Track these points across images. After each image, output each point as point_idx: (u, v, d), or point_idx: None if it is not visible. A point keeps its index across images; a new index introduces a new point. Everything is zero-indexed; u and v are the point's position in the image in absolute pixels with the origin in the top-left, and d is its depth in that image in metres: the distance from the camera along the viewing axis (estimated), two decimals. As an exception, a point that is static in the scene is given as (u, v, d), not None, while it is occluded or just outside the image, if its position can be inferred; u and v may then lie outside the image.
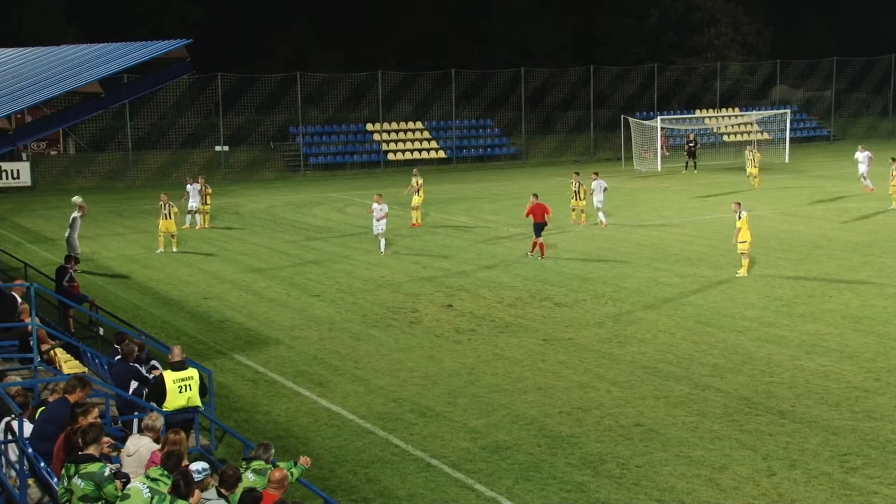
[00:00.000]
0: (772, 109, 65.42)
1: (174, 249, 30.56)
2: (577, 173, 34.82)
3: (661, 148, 54.61)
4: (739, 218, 24.96)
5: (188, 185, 35.64)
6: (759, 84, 74.23)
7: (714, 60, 71.63)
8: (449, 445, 14.29)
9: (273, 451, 10.90)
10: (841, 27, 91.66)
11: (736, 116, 66.50)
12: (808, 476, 12.90)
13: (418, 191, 35.56)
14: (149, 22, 67.20)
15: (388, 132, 60.73)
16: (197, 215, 35.30)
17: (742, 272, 24.82)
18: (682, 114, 65.17)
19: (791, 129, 58.57)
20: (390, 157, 59.22)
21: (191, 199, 35.21)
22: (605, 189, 33.81)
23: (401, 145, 60.49)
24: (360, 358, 18.82)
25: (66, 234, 28.37)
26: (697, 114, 66.33)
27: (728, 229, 31.77)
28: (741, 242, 24.85)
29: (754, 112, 65.70)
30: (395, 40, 77.50)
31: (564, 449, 14.04)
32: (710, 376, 17.04)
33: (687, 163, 52.29)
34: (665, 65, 69.16)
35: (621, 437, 14.39)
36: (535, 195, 28.83)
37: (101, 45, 19.41)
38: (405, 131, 61.61)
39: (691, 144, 52.86)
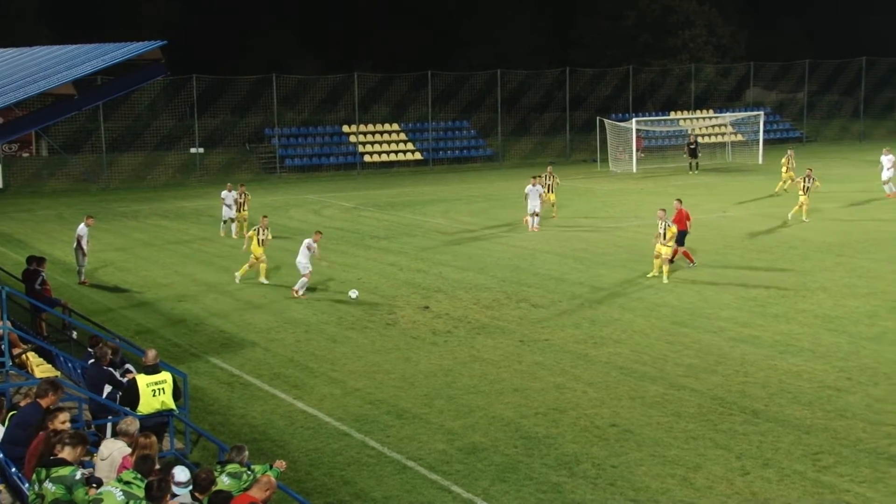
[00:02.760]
0: (745, 111, 65.90)
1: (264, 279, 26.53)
2: (552, 164, 34.84)
3: (636, 150, 54.90)
4: (670, 225, 24.77)
5: (224, 192, 34.11)
6: (733, 86, 74.82)
7: (689, 62, 72.06)
8: (425, 447, 14.28)
9: (247, 453, 10.85)
10: (814, 30, 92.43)
11: (710, 118, 66.91)
12: (781, 475, 12.99)
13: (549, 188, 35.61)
14: (123, 23, 66.77)
15: (365, 134, 60.66)
16: (233, 224, 33.72)
17: (662, 277, 24.57)
18: (657, 115, 65.50)
19: (764, 131, 58.97)
20: (366, 158, 59.15)
21: (226, 208, 33.80)
22: (541, 194, 33.61)
23: (377, 147, 60.43)
24: (337, 360, 18.78)
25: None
26: (672, 115, 66.70)
27: (705, 230, 32.01)
28: (666, 246, 24.66)
29: (728, 114, 66.16)
30: (371, 42, 77.46)
31: (541, 450, 14.07)
32: (684, 376, 17.13)
33: (691, 163, 52.38)
34: (640, 67, 69.50)
35: (597, 438, 14.44)
36: (680, 200, 27.50)
37: (75, 46, 19.26)
38: (381, 133, 61.56)
39: (692, 145, 53.08)
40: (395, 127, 62.26)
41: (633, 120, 55.75)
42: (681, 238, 26.19)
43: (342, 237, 33.13)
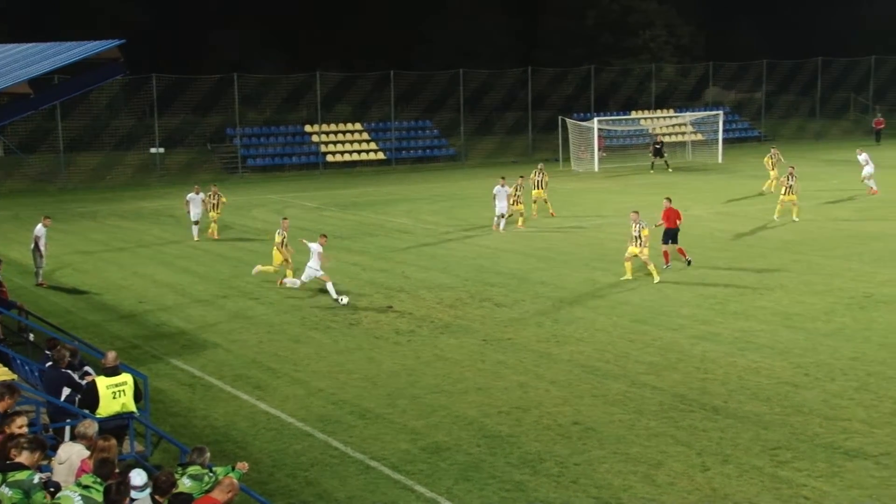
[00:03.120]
0: (705, 111, 66.48)
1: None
2: (522, 177, 34.42)
3: (598, 149, 55.22)
4: (644, 227, 24.48)
5: (191, 194, 32.68)
6: (693, 86, 75.42)
7: (649, 62, 72.59)
8: (389, 447, 14.26)
9: (208, 454, 10.76)
10: (771, 30, 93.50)
11: (671, 117, 67.45)
12: (741, 470, 13.13)
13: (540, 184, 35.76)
14: (81, 21, 65.94)
15: (327, 133, 60.44)
16: (195, 227, 32.71)
17: (655, 277, 24.46)
18: (618, 115, 65.90)
19: (724, 130, 59.57)
20: (329, 158, 58.94)
21: (193, 210, 32.47)
22: (508, 195, 32.95)
23: (339, 147, 60.23)
24: (300, 360, 18.70)
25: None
26: (633, 115, 67.14)
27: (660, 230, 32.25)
28: (644, 247, 24.53)
29: (688, 113, 66.70)
30: (333, 42, 77.14)
31: (504, 448, 14.10)
32: (646, 374, 17.26)
33: (653, 162, 52.60)
34: (602, 66, 69.89)
35: (560, 436, 14.50)
36: (669, 199, 26.96)
37: (31, 44, 19.01)
38: (344, 133, 61.37)
39: (658, 145, 53.41)
40: (358, 126, 62.09)
41: (595, 119, 56.08)
42: (673, 236, 26.11)
43: (305, 237, 32.96)
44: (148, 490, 9.49)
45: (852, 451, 13.62)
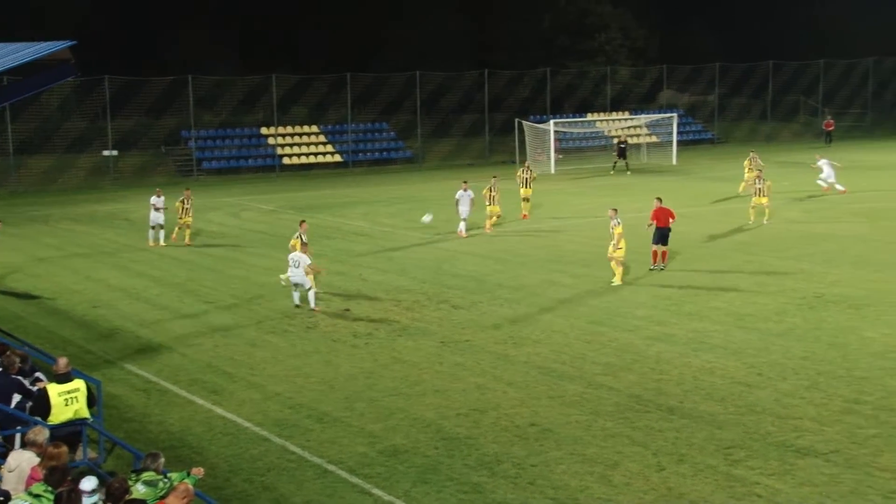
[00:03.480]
0: (659, 113, 67.17)
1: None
2: (496, 177, 34.27)
3: (555, 151, 55.50)
4: (618, 224, 24.57)
5: (153, 198, 31.85)
6: (648, 88, 76.16)
7: (605, 65, 73.14)
8: (346, 451, 14.21)
9: (163, 459, 10.64)
10: (724, 33, 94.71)
11: (626, 120, 67.99)
12: (695, 469, 13.27)
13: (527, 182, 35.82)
14: (31, 23, 64.96)
15: (283, 136, 60.13)
16: (161, 231, 31.83)
17: (616, 280, 24.46)
18: (574, 117, 66.30)
19: (678, 133, 60.14)
20: (285, 161, 58.62)
21: (154, 213, 31.69)
22: (472, 199, 32.57)
23: (296, 149, 59.94)
24: (256, 364, 18.58)
25: None
26: (589, 117, 67.57)
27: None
28: (618, 249, 24.51)
29: (643, 115, 67.34)
30: (289, 43, 76.78)
31: (461, 451, 14.11)
32: (602, 375, 17.38)
33: (615, 163, 52.77)
34: (558, 69, 70.28)
35: (517, 438, 14.55)
36: (659, 198, 26.54)
37: (-20, 46, 18.68)
38: (300, 135, 61.09)
39: (623, 145, 53.64)
40: (315, 129, 61.85)
41: (551, 121, 56.37)
42: (664, 237, 25.93)
43: (261, 240, 32.80)
44: (97, 495, 9.35)
45: (803, 449, 13.82)
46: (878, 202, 37.31)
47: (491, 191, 33.02)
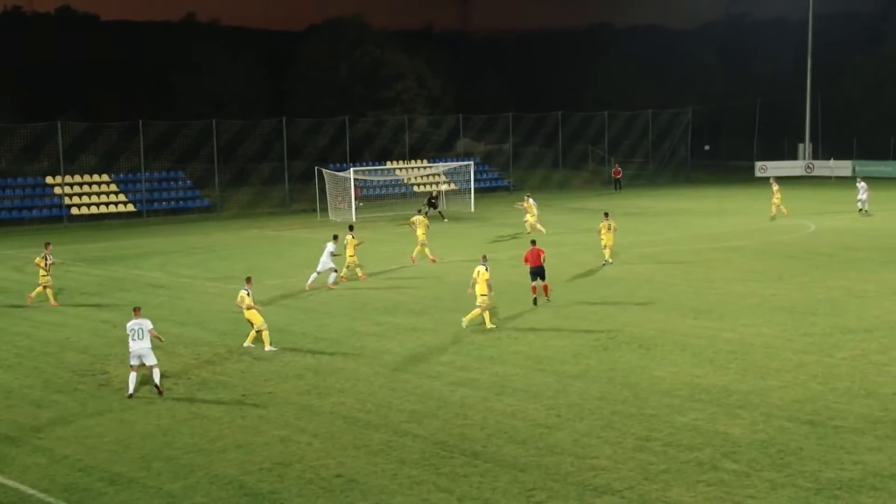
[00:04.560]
0: (457, 161, 68.88)
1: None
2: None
3: (355, 198, 55.78)
4: (486, 269, 25.01)
5: None
6: (445, 137, 78.09)
7: (402, 114, 74.39)
8: (143, 514, 13.56)
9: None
10: (515, 84, 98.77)
11: (424, 168, 69.27)
12: (501, 512, 13.47)
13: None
14: None
15: (72, 185, 57.51)
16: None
17: (489, 324, 24.76)
18: (373, 165, 66.94)
19: (475, 180, 61.79)
20: (74, 211, 56.04)
21: None
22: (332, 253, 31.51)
23: (85, 199, 57.44)
24: (43, 427, 17.49)
25: None
26: (389, 165, 68.40)
27: (422, 279, 32.93)
28: (483, 295, 24.86)
29: (441, 164, 68.80)
30: (76, 89, 73.84)
31: (266, 507, 13.76)
32: (407, 422, 17.43)
33: (427, 211, 53.01)
34: (356, 117, 70.87)
35: (322, 490, 14.34)
36: (534, 241, 29.27)
37: None
38: (90, 184, 58.63)
39: (434, 199, 54.23)
40: (105, 178, 59.53)
41: (351, 169, 56.71)
42: (540, 273, 28.00)
43: (53, 294, 31.07)
44: None
45: (601, 487, 14.33)
46: (662, 246, 39.60)
47: (349, 247, 32.61)
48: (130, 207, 58.45)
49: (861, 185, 50.04)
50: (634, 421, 17.25)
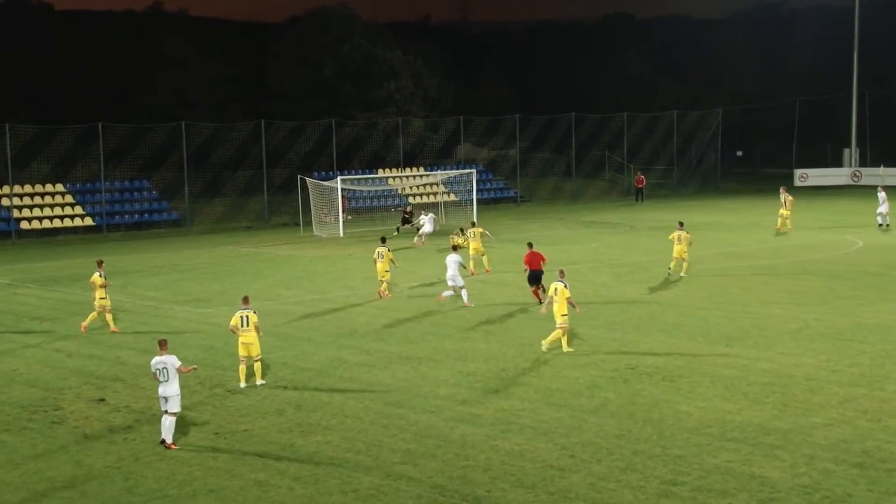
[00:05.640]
0: (457, 169, 68.93)
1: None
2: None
3: (342, 211, 55.78)
4: (565, 286, 25.14)
5: None
6: (444, 142, 78.11)
7: (396, 116, 74.45)
8: (101, 569, 13.51)
9: None
10: (521, 84, 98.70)
11: (421, 176, 69.32)
12: (508, 566, 13.40)
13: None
14: None
15: (21, 196, 57.61)
16: None
17: (566, 347, 25.06)
18: (363, 173, 67.06)
19: (478, 190, 61.80)
20: (24, 225, 56.14)
21: None
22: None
23: (37, 212, 57.53)
24: (-13, 470, 17.45)
25: None
26: (380, 173, 68.55)
27: (420, 300, 32.93)
28: (563, 315, 25.06)
29: (439, 171, 68.88)
30: (26, 87, 74.04)
31: (241, 561, 13.70)
32: (401, 464, 17.39)
33: (398, 227, 53.48)
34: (344, 120, 71.03)
35: (306, 541, 14.28)
36: (531, 244, 32.32)
37: None
38: (42, 195, 58.76)
39: (407, 216, 54.56)
40: (60, 188, 59.67)
41: (338, 178, 56.77)
42: (537, 278, 30.92)
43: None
44: None
45: (622, 536, 14.28)
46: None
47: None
48: (88, 221, 58.50)
49: (881, 194, 50.38)
50: (658, 462, 17.20)
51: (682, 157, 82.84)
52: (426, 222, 50.04)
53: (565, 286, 25.28)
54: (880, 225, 49.66)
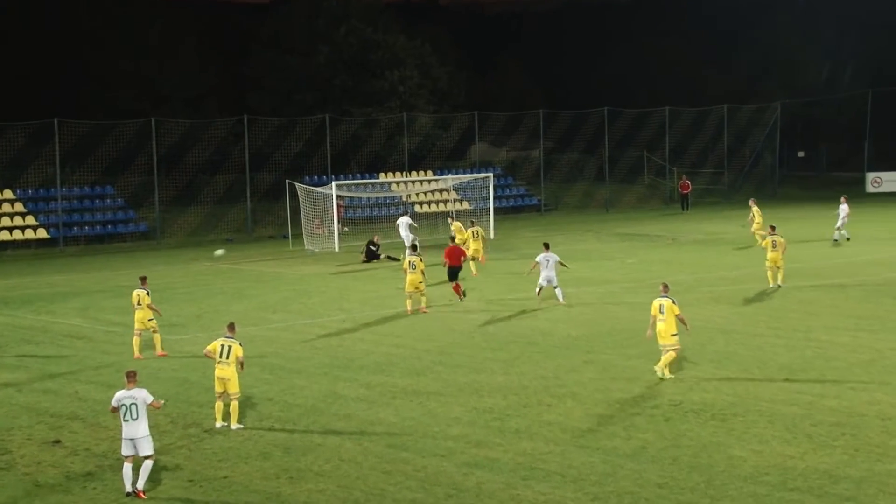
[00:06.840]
0: (471, 173, 68.92)
1: None
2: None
3: (338, 221, 55.77)
4: (673, 303, 25.41)
5: None
6: (455, 141, 77.81)
7: (400, 111, 74.26)
8: None
9: None
10: (545, 74, 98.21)
11: (429, 181, 69.17)
12: None
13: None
14: None
15: (-37, 205, 57.89)
16: None
17: (666, 374, 25.45)
18: (362, 178, 67.15)
19: (495, 197, 61.77)
20: (-33, 238, 56.35)
21: None
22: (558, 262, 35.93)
23: (-18, 222, 57.83)
24: (-75, 524, 17.52)
25: None
26: (382, 178, 68.67)
27: (428, 323, 32.95)
28: (673, 335, 25.37)
29: (451, 175, 68.72)
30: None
31: None
32: (406, 516, 17.39)
33: (363, 261, 53.35)
34: (339, 117, 71.15)
35: None
36: (453, 238, 39.15)
37: None
38: (-11, 203, 59.07)
39: (373, 247, 54.39)
40: (9, 195, 59.96)
41: (333, 183, 56.80)
42: (454, 274, 36.62)
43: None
44: None
45: None
46: (741, 284, 39.55)
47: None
48: (42, 233, 58.74)
49: (842, 207, 51.35)
50: (707, 515, 17.16)
51: (733, 159, 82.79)
52: (400, 226, 50.92)
53: (673, 302, 25.50)
54: (835, 240, 50.67)
